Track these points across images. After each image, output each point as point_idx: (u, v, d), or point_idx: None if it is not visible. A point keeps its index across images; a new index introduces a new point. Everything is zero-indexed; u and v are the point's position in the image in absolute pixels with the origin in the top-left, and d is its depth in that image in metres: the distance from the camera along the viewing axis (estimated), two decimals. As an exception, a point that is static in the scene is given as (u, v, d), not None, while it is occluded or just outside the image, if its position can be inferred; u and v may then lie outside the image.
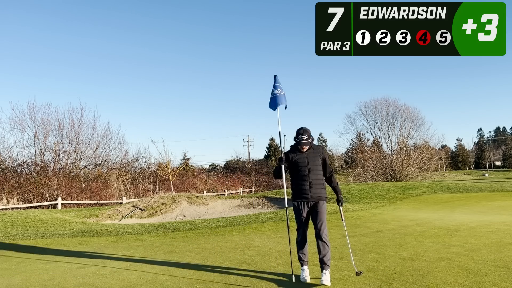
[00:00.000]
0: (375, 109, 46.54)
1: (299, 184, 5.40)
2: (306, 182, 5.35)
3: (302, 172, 5.38)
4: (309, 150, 5.46)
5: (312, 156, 5.44)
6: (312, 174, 5.38)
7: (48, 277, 5.95)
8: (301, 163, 5.40)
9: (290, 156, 5.48)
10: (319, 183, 5.41)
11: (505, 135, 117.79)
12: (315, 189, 5.36)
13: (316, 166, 5.42)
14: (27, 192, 21.40)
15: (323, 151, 5.58)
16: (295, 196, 5.43)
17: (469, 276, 5.45)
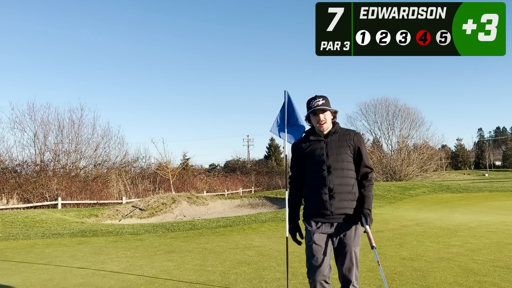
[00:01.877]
0: (375, 109, 46.50)
1: (312, 192, 3.33)
2: (324, 189, 3.26)
3: (317, 171, 3.30)
4: (331, 136, 3.39)
5: (336, 144, 3.35)
6: (335, 175, 3.27)
7: (48, 277, 5.95)
8: (317, 157, 3.32)
9: (300, 146, 3.47)
10: (347, 191, 3.29)
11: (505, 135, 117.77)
12: (339, 201, 3.26)
13: (342, 162, 3.31)
14: (27, 192, 21.40)
15: (356, 138, 3.40)
16: (306, 213, 3.41)
17: (469, 276, 5.45)
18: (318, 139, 3.37)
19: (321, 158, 3.30)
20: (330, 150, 3.31)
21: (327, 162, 3.28)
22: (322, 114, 3.31)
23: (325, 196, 3.25)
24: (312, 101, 3.34)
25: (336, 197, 3.24)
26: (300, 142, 3.49)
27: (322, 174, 3.28)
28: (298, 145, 3.50)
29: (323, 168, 3.28)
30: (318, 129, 3.35)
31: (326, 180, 3.26)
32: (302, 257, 6.96)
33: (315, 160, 3.33)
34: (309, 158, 3.36)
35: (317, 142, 3.37)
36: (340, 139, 3.36)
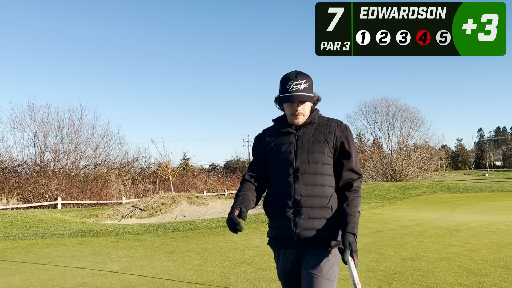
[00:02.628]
0: (375, 109, 46.49)
1: (273, 205, 2.47)
2: (288, 202, 2.38)
3: (281, 175, 2.44)
4: (305, 127, 2.50)
5: (310, 139, 2.46)
6: (304, 182, 2.38)
7: (48, 277, 5.94)
8: (282, 155, 2.46)
9: (264, 139, 2.59)
10: (321, 205, 2.38)
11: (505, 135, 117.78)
12: (307, 220, 2.36)
13: (315, 164, 2.40)
14: (27, 192, 21.40)
15: (339, 130, 2.48)
16: (268, 234, 2.58)
17: (469, 276, 5.45)
18: (288, 131, 2.47)
19: (287, 158, 2.40)
20: (300, 147, 2.40)
21: (295, 163, 2.37)
22: (301, 105, 2.41)
23: (289, 211, 2.34)
24: (290, 82, 2.39)
25: (303, 213, 2.32)
26: (265, 133, 2.59)
27: (286, 180, 2.38)
28: (261, 137, 2.59)
29: (288, 172, 2.38)
30: (292, 121, 2.47)
31: (291, 189, 2.35)
32: (302, 257, 6.97)
33: (279, 160, 2.43)
34: (272, 157, 2.47)
35: (285, 136, 2.47)
36: (316, 132, 2.44)
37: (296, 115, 2.43)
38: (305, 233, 2.34)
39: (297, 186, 2.37)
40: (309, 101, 2.42)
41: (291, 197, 2.36)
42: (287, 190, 2.38)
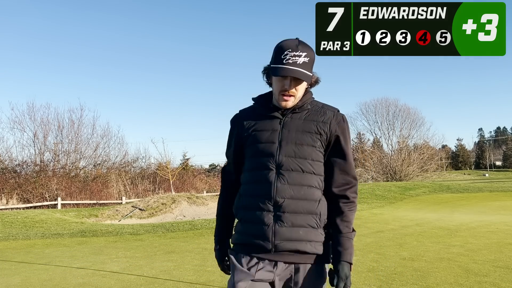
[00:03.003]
0: (375, 109, 46.52)
1: (246, 205, 1.98)
2: (267, 203, 1.90)
3: (260, 169, 1.95)
4: (294, 113, 1.99)
5: (299, 128, 1.96)
6: (289, 180, 1.90)
7: (48, 277, 5.94)
8: (262, 145, 1.97)
9: (241, 122, 2.08)
10: (308, 211, 1.91)
11: (505, 135, 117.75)
12: (290, 228, 1.88)
13: (303, 160, 1.92)
14: (27, 192, 21.40)
15: (335, 121, 1.98)
16: (235, 239, 2.04)
17: (470, 276, 5.44)
18: (272, 115, 1.95)
19: (269, 149, 1.90)
20: (286, 137, 1.90)
21: (278, 156, 1.88)
22: (295, 84, 1.89)
23: (268, 216, 1.86)
24: (288, 52, 1.86)
25: (286, 219, 1.85)
26: (242, 115, 2.06)
27: (266, 177, 1.88)
28: (238, 121, 2.05)
29: (269, 166, 1.88)
30: (278, 101, 1.93)
31: (272, 188, 1.86)
32: (302, 257, 6.97)
33: (257, 151, 1.93)
34: (249, 146, 1.96)
35: (268, 120, 1.95)
36: (307, 120, 1.94)
37: (286, 95, 1.91)
38: (286, 245, 1.85)
39: (279, 185, 1.87)
40: (306, 80, 1.89)
41: (271, 198, 1.87)
42: (266, 188, 1.88)
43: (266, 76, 2.03)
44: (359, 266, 6.12)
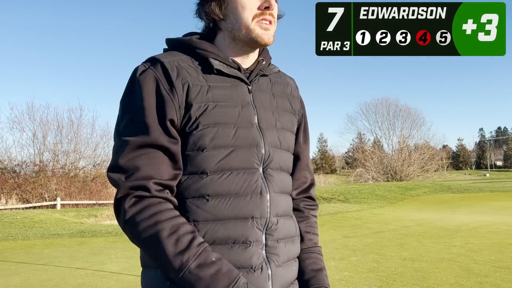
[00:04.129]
0: (376, 109, 46.57)
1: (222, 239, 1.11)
2: (258, 228, 1.15)
3: (238, 169, 1.15)
4: (263, 78, 1.29)
5: (273, 102, 1.28)
6: (278, 183, 1.22)
7: (47, 278, 5.93)
8: (242, 128, 1.17)
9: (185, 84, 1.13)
10: (294, 231, 1.29)
11: (506, 135, 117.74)
12: (286, 266, 1.22)
13: (286, 154, 1.29)
14: (26, 192, 21.40)
15: (299, 95, 1.42)
16: None
17: (470, 276, 5.43)
18: (235, 77, 1.22)
19: (250, 136, 1.19)
20: (264, 117, 1.24)
21: (264, 147, 1.20)
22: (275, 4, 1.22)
23: (257, 252, 1.15)
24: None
25: (281, 252, 1.21)
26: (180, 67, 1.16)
27: (252, 183, 1.17)
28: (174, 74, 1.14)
29: (254, 165, 1.18)
30: (253, 32, 1.20)
31: (265, 202, 1.18)
32: (302, 257, 6.96)
33: (231, 138, 1.16)
34: (211, 128, 1.14)
35: (231, 86, 1.21)
36: (276, 91, 1.33)
37: (267, 21, 1.21)
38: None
39: (273, 195, 1.20)
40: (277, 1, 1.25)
41: (264, 217, 1.17)
42: (254, 202, 1.16)
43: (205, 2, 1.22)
44: (360, 267, 6.11)
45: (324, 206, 16.22)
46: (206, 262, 1.02)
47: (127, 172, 1.08)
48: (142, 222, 1.04)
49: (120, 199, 1.08)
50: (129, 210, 1.06)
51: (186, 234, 1.04)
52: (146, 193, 1.06)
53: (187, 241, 1.03)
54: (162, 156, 1.10)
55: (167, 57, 1.17)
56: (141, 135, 1.09)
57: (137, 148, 1.09)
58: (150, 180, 1.07)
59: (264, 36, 1.20)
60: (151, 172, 1.08)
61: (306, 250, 1.35)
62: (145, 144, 1.09)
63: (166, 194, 1.10)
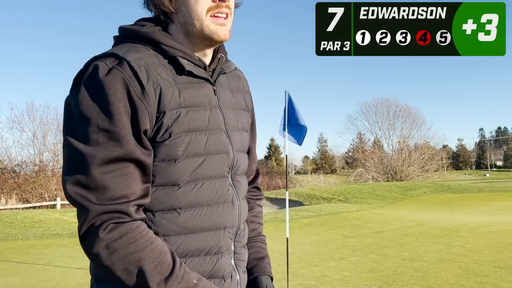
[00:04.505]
0: (376, 109, 46.52)
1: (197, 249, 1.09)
2: (230, 238, 1.16)
3: (213, 179, 1.11)
4: (223, 76, 1.23)
5: (233, 101, 1.24)
6: (242, 189, 1.22)
7: (47, 278, 5.93)
8: (212, 134, 1.12)
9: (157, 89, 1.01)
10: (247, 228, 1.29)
11: (506, 135, 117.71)
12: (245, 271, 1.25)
13: (246, 156, 1.28)
14: (26, 192, 21.41)
15: (249, 90, 1.37)
16: None
17: (470, 276, 5.43)
18: (202, 76, 1.13)
19: (219, 141, 1.14)
20: (229, 120, 1.20)
21: (232, 153, 1.17)
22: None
23: (228, 260, 1.16)
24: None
25: (244, 258, 1.26)
26: (149, 67, 1.03)
27: (224, 191, 1.15)
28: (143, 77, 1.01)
29: (224, 172, 1.15)
30: (207, 29, 1.10)
31: (235, 209, 1.17)
32: (303, 257, 6.96)
33: (203, 145, 1.09)
34: (184, 135, 1.06)
35: (198, 86, 1.12)
36: (233, 88, 1.28)
37: (222, 17, 1.13)
38: None
39: (241, 202, 1.21)
40: None
41: (235, 226, 1.18)
42: (226, 212, 1.14)
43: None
44: (360, 267, 6.11)
45: (324, 206, 16.22)
46: (188, 286, 1.00)
47: (97, 191, 0.95)
48: (121, 250, 0.96)
49: (91, 227, 0.96)
50: (106, 238, 0.96)
51: (166, 260, 0.99)
52: (125, 218, 0.97)
53: (168, 266, 0.99)
54: (135, 171, 1.00)
55: (131, 54, 1.02)
56: (112, 146, 0.96)
57: (108, 163, 0.96)
58: (128, 203, 0.98)
59: (219, 32, 1.11)
60: (126, 191, 0.98)
61: (250, 239, 1.32)
62: (117, 158, 0.97)
63: (141, 214, 1.02)
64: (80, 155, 0.96)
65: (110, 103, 0.96)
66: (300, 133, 5.66)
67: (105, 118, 0.96)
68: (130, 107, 0.98)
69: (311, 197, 19.71)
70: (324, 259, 6.74)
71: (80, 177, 0.96)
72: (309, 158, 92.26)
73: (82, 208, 0.97)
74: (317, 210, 14.22)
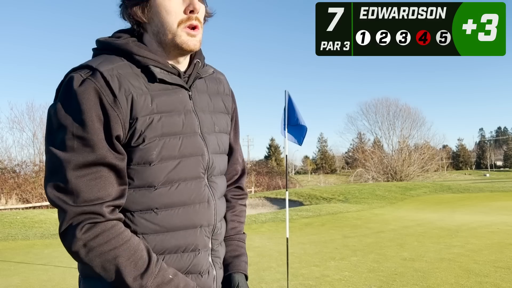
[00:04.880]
0: (376, 109, 46.55)
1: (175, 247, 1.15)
2: (206, 236, 1.22)
3: (189, 180, 1.17)
4: (199, 80, 1.27)
5: (210, 104, 1.29)
6: (219, 189, 1.28)
7: (47, 278, 5.93)
8: (187, 137, 1.17)
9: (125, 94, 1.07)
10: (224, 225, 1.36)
11: (506, 135, 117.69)
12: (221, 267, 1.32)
13: (224, 157, 1.34)
14: (26, 192, 21.41)
15: (231, 89, 1.42)
16: None
17: (470, 276, 5.43)
18: (175, 84, 1.19)
19: (195, 144, 1.20)
20: (204, 122, 1.25)
21: (207, 155, 1.23)
22: (200, 6, 1.18)
23: (205, 257, 1.23)
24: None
25: (221, 255, 1.32)
26: (121, 76, 1.09)
27: (200, 191, 1.20)
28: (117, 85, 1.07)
29: (200, 173, 1.21)
30: (179, 38, 1.15)
31: (210, 208, 1.23)
32: (303, 257, 6.96)
33: (177, 148, 1.15)
34: (157, 139, 1.12)
35: (172, 92, 1.17)
36: (210, 92, 1.31)
37: (193, 28, 1.17)
38: None
39: (217, 201, 1.27)
40: (204, 4, 1.23)
41: (212, 224, 1.24)
42: (202, 211, 1.20)
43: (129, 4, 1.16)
44: (360, 267, 6.11)
45: (324, 206, 16.22)
46: (164, 281, 1.06)
47: (73, 194, 1.03)
48: (97, 248, 1.03)
49: (70, 227, 1.03)
50: (83, 237, 1.02)
51: (142, 256, 1.06)
52: (100, 218, 1.04)
53: (144, 262, 1.05)
54: (109, 174, 1.06)
55: (105, 65, 1.08)
56: (86, 152, 1.03)
57: (82, 167, 1.03)
58: (101, 204, 1.04)
59: (189, 43, 1.17)
60: (100, 193, 1.04)
61: (228, 238, 1.38)
62: (91, 163, 1.04)
63: (117, 214, 1.08)
64: (57, 160, 1.03)
65: (83, 111, 1.03)
66: (300, 133, 5.67)
67: (78, 126, 1.03)
68: (102, 114, 1.05)
69: (311, 197, 19.70)
70: (324, 259, 6.74)
71: (58, 181, 1.03)
72: (309, 158, 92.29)
73: (61, 210, 1.04)
74: (317, 210, 14.22)
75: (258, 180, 42.79)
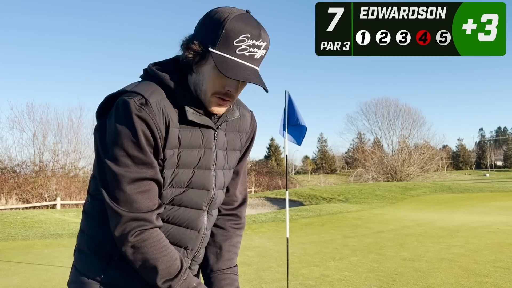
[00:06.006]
0: (376, 109, 46.54)
1: None
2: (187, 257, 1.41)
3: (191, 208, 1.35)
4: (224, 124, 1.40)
5: (225, 143, 1.41)
6: (211, 220, 1.45)
7: (47, 278, 5.93)
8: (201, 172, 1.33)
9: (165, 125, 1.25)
10: None
11: (506, 135, 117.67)
12: None
13: (223, 192, 1.48)
14: (26, 192, 21.40)
15: (253, 127, 1.52)
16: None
17: (470, 276, 5.43)
18: (206, 125, 1.32)
19: (206, 180, 1.35)
20: (219, 160, 1.38)
21: (213, 190, 1.38)
22: (241, 87, 1.31)
23: None
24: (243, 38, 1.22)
25: (194, 272, 1.47)
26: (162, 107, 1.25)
27: (196, 220, 1.37)
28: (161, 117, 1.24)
29: (202, 205, 1.36)
30: (209, 104, 1.29)
31: (200, 236, 1.40)
32: (303, 257, 6.95)
33: (189, 179, 1.32)
34: (175, 168, 1.29)
35: (198, 131, 1.32)
36: (231, 130, 1.43)
37: (224, 99, 1.28)
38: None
39: (207, 232, 1.46)
40: (265, 89, 1.26)
41: (195, 250, 1.42)
42: (191, 237, 1.37)
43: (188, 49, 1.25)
44: (360, 267, 6.11)
45: (324, 206, 16.21)
46: (188, 287, 1.27)
47: (128, 202, 1.23)
48: (142, 250, 1.24)
49: (124, 231, 1.23)
50: (133, 240, 1.23)
51: (176, 264, 1.27)
52: (148, 225, 1.24)
53: (176, 269, 1.26)
54: (155, 188, 1.26)
55: (154, 97, 1.24)
56: (142, 169, 1.23)
57: (136, 181, 1.23)
58: (151, 212, 1.25)
59: (215, 110, 1.31)
60: (149, 203, 1.25)
61: (224, 270, 1.48)
62: (144, 178, 1.23)
63: (160, 221, 1.28)
64: (114, 173, 1.22)
65: (139, 136, 1.21)
66: (300, 133, 5.67)
67: (134, 146, 1.21)
68: (152, 139, 1.23)
69: (311, 197, 19.70)
70: (324, 259, 6.74)
71: (115, 190, 1.23)
72: (309, 158, 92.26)
73: (116, 214, 1.23)
74: (317, 210, 14.21)
75: (258, 180, 42.77)
